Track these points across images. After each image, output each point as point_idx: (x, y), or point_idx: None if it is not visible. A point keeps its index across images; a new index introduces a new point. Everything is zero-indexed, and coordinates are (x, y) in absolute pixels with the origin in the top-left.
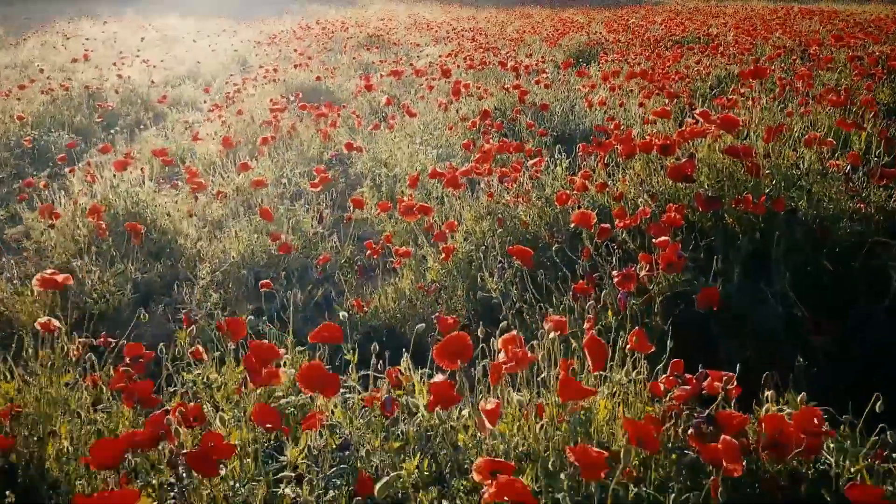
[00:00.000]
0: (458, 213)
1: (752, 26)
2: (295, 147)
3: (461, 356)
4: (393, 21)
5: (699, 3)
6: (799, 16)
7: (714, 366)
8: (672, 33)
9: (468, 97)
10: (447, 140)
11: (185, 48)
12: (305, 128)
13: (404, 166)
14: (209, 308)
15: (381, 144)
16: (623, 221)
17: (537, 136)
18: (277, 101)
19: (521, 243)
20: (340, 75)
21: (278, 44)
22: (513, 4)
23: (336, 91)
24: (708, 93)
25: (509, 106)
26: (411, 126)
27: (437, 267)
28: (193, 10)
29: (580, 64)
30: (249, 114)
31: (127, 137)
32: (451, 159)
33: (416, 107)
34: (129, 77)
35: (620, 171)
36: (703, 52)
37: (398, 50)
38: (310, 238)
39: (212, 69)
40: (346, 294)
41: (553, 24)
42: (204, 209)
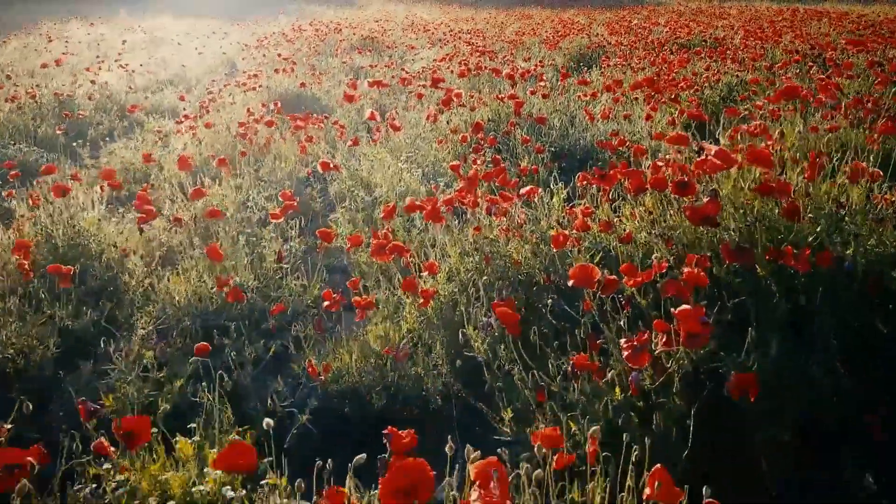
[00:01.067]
0: (440, 247)
1: (759, 28)
2: (268, 164)
3: (418, 495)
4: (390, 22)
5: (702, 4)
6: (807, 17)
7: (748, 460)
8: (677, 36)
9: (460, 107)
10: (435, 155)
11: (171, 51)
12: (283, 141)
13: (384, 190)
14: (141, 368)
15: (363, 161)
16: (634, 279)
17: (533, 153)
18: (254, 110)
19: (513, 285)
20: (329, 80)
21: (266, 47)
22: (513, 5)
23: (322, 98)
24: (718, 101)
25: (504, 117)
26: (397, 140)
27: (415, 315)
28: (189, 11)
29: (581, 68)
30: (226, 125)
31: (94, 149)
32: (439, 179)
33: (405, 117)
34: (107, 83)
35: (628, 206)
36: (711, 57)
37: (393, 53)
38: (271, 276)
39: (198, 73)
40: (305, 349)
41: (553, 25)
42: (157, 239)
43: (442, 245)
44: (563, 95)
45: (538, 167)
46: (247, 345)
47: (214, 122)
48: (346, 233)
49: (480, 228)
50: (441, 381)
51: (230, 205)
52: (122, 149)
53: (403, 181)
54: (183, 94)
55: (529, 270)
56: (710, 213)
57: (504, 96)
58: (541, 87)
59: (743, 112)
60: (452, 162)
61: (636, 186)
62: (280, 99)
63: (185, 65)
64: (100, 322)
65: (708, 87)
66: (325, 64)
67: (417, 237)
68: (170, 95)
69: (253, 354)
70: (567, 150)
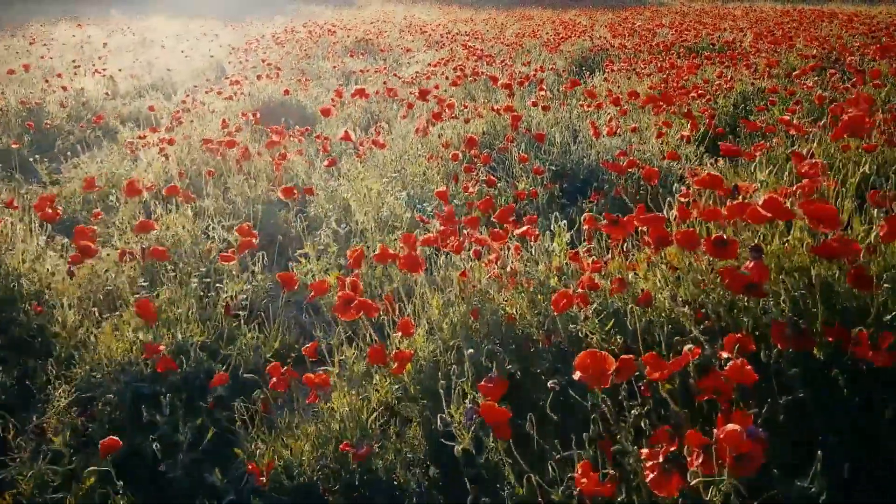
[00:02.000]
0: (419, 296)
1: (768, 31)
2: (237, 185)
3: None
4: (387, 23)
5: (704, 5)
6: (815, 19)
7: None
8: (683, 39)
9: (452, 119)
10: (424, 173)
11: (158, 53)
12: (258, 156)
13: (361, 218)
14: (51, 454)
15: (344, 181)
16: (658, 372)
17: (532, 174)
18: (231, 121)
19: (506, 346)
20: (318, 86)
21: (255, 50)
22: (513, 5)
23: (309, 106)
24: (732, 112)
25: (501, 130)
26: (384, 155)
27: (389, 382)
28: (186, 11)
29: (583, 72)
30: (200, 137)
31: (61, 163)
32: (426, 203)
33: (396, 127)
34: (83, 89)
35: (644, 252)
36: (722, 63)
37: (388, 56)
38: (224, 326)
39: (184, 77)
40: (251, 431)
41: (554, 26)
42: (104, 277)
43: (422, 293)
44: (565, 106)
45: (537, 190)
46: (183, 422)
47: (190, 135)
48: (311, 275)
49: (467, 273)
50: (416, 475)
51: (187, 236)
52: (87, 163)
53: (387, 205)
54: (153, 105)
55: (526, 327)
56: (755, 281)
57: (500, 108)
58: (541, 98)
59: (761, 125)
60: (443, 181)
61: (658, 238)
62: (263, 107)
63: (170, 69)
64: (23, 382)
65: (721, 96)
66: (315, 68)
67: (397, 278)
68: (150, 102)
69: (188, 437)
70: (569, 170)
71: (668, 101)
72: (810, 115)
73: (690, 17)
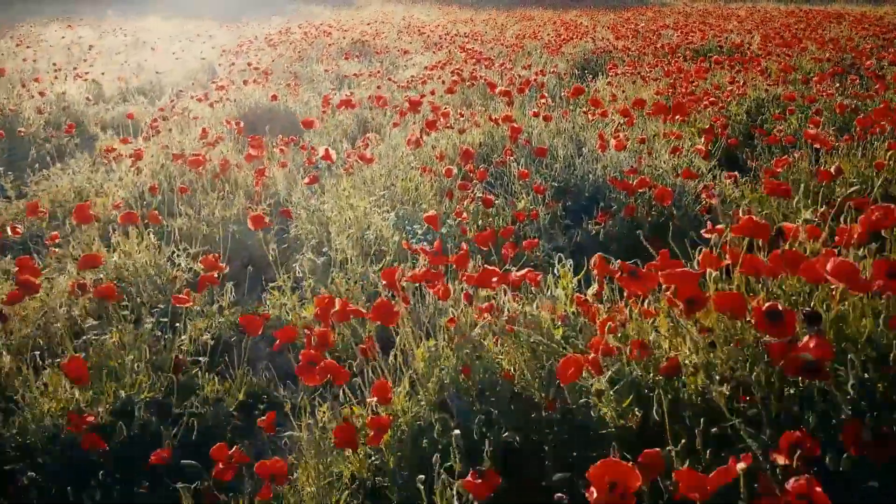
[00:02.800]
0: (398, 350)
1: (776, 33)
2: (210, 205)
3: None
4: (385, 24)
5: (707, 5)
6: (822, 20)
7: None
8: (689, 41)
9: (447, 129)
10: (416, 189)
11: (147, 55)
12: (238, 169)
13: (342, 244)
14: None
15: (329, 197)
16: (699, 489)
17: (532, 192)
18: (212, 130)
19: (502, 406)
20: (309, 90)
21: (247, 52)
22: (513, 5)
23: (299, 112)
24: (746, 120)
25: (499, 140)
26: (373, 170)
27: (362, 456)
28: (182, 12)
29: (585, 75)
30: (179, 148)
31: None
32: (416, 225)
33: (387, 138)
34: (63, 93)
35: (666, 306)
36: (732, 67)
37: (384, 58)
38: (175, 382)
39: (174, 80)
40: None
41: (555, 27)
42: (54, 313)
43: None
44: (568, 115)
45: (538, 211)
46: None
47: (169, 144)
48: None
49: (456, 321)
50: None
51: (149, 265)
52: (58, 174)
53: (374, 226)
54: (133, 112)
55: (526, 388)
56: (816, 360)
57: (499, 117)
58: (542, 106)
59: (779, 136)
60: (436, 197)
61: (690, 299)
62: (250, 114)
63: (159, 71)
64: None
65: (733, 103)
66: (308, 71)
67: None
68: (135, 107)
69: None
70: (573, 186)
71: (682, 113)
72: (831, 124)
73: (694, 17)
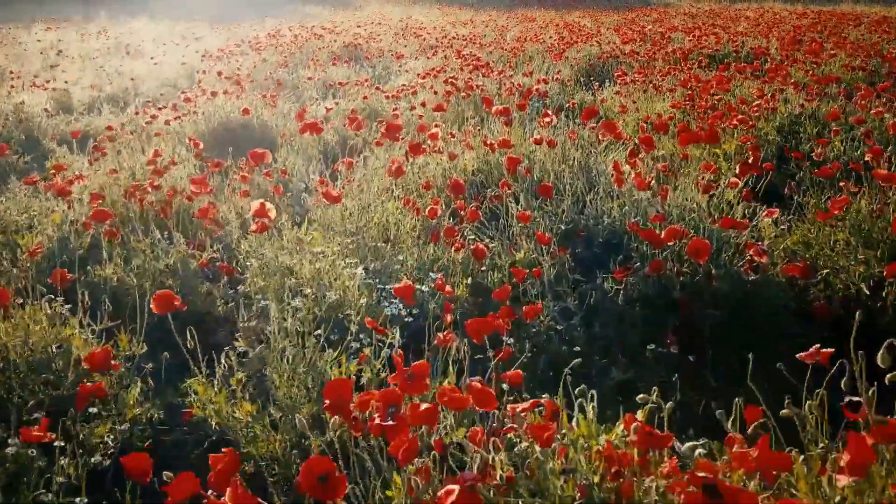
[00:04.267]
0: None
1: (792, 37)
2: (142, 254)
3: None
4: (382, 25)
5: (712, 5)
6: (839, 22)
7: None
8: (702, 45)
9: (436, 153)
10: (397, 224)
11: (125, 60)
12: (188, 201)
13: (288, 325)
14: None
15: (288, 241)
16: None
17: (534, 238)
18: (167, 151)
19: None
20: (291, 99)
21: (229, 57)
22: (514, 6)
23: (275, 126)
24: (779, 140)
25: (495, 167)
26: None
27: None
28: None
29: (591, 83)
30: (130, 172)
31: None
32: (391, 279)
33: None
34: (23, 103)
35: None
36: (756, 76)
37: (377, 63)
38: None
39: (150, 87)
40: None
41: (557, 29)
42: None
43: None
44: (575, 137)
45: (541, 268)
46: None
47: (119, 167)
48: (210, 410)
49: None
50: None
51: (39, 346)
52: None
53: (336, 284)
54: (78, 129)
55: None
56: None
57: (494, 142)
58: (545, 125)
59: (831, 170)
60: (418, 242)
61: None
62: (220, 128)
63: (134, 77)
64: None
65: (761, 118)
66: (293, 78)
67: None
68: (100, 119)
69: None
70: (583, 227)
71: (713, 139)
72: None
73: (700, 18)
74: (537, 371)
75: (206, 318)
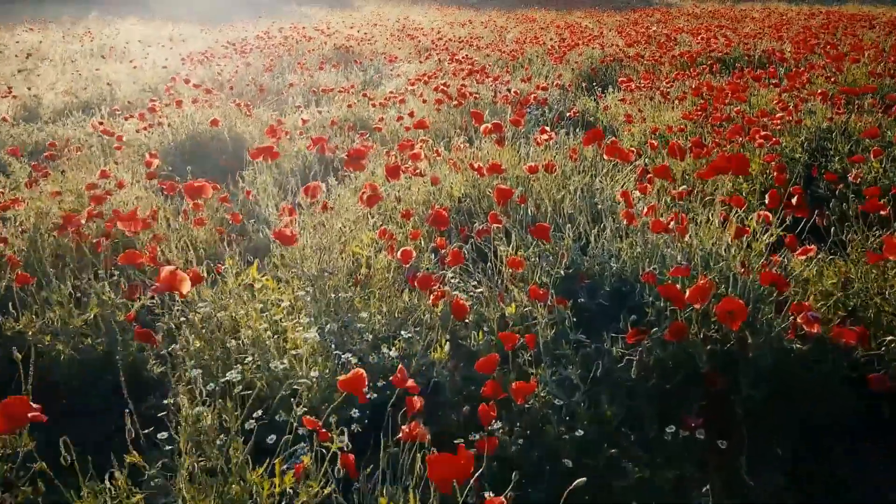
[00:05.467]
0: None
1: (803, 39)
2: (60, 307)
3: None
4: (378, 26)
5: (716, 5)
6: (849, 23)
7: None
8: (711, 48)
9: (416, 175)
10: (368, 270)
11: (102, 63)
12: (132, 233)
13: (211, 419)
14: None
15: (235, 284)
16: None
17: (528, 290)
18: (115, 171)
19: None
20: (273, 106)
21: (210, 60)
22: (514, 6)
23: (250, 138)
24: (806, 159)
25: (485, 189)
26: (302, 246)
27: None
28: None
29: (593, 88)
30: (76, 194)
31: None
32: (348, 353)
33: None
34: None
35: None
36: (775, 83)
37: (368, 66)
38: None
39: (128, 92)
40: None
41: (558, 31)
42: None
43: None
44: (576, 157)
45: (535, 338)
46: None
47: (62, 188)
48: None
49: None
50: None
51: None
52: None
53: (292, 346)
54: (51, 150)
55: None
56: None
57: (485, 167)
58: (542, 143)
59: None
60: (396, 285)
61: None
62: (189, 141)
63: (111, 83)
64: None
65: (786, 132)
66: (278, 83)
67: None
68: (64, 129)
69: None
70: (587, 273)
71: (742, 168)
72: None
73: (704, 19)
74: (530, 463)
75: (139, 378)
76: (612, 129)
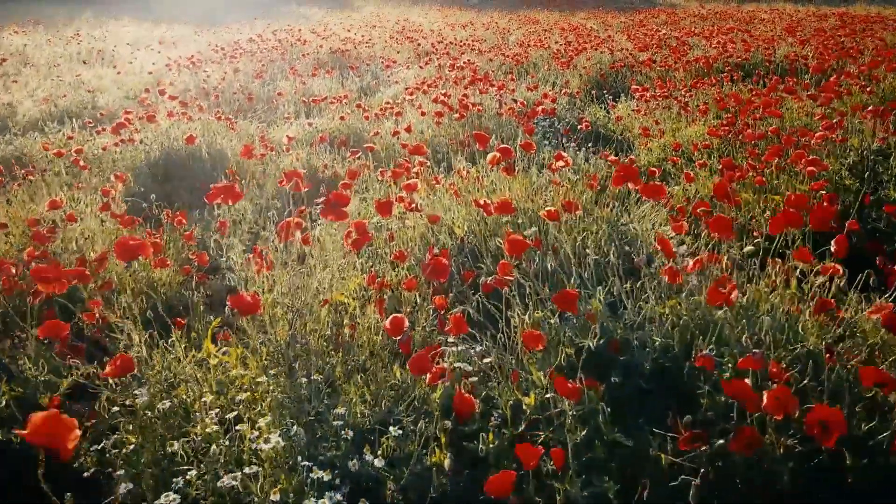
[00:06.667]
0: None
1: (821, 43)
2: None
3: None
4: (378, 28)
5: (721, 6)
6: (865, 24)
7: None
8: (727, 53)
9: (412, 211)
10: (352, 332)
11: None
12: (89, 278)
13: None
14: None
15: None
16: None
17: (547, 378)
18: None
19: None
20: (261, 116)
21: (197, 65)
22: (517, 7)
23: (231, 156)
24: (852, 182)
25: (494, 227)
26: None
27: None
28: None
29: (604, 96)
30: (23, 225)
31: None
32: (332, 441)
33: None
34: None
35: None
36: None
37: (365, 71)
38: None
39: (110, 100)
40: None
41: (563, 33)
42: None
43: None
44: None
45: (562, 453)
46: None
47: (11, 218)
48: None
49: None
50: None
51: None
52: None
53: (248, 455)
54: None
55: None
56: None
57: (492, 203)
58: (556, 169)
59: None
60: (386, 359)
61: None
62: (164, 158)
63: (92, 90)
64: None
65: (829, 154)
66: (268, 90)
67: None
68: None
69: None
70: (622, 348)
71: (823, 222)
72: None
73: (711, 20)
74: None
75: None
76: (626, 142)
